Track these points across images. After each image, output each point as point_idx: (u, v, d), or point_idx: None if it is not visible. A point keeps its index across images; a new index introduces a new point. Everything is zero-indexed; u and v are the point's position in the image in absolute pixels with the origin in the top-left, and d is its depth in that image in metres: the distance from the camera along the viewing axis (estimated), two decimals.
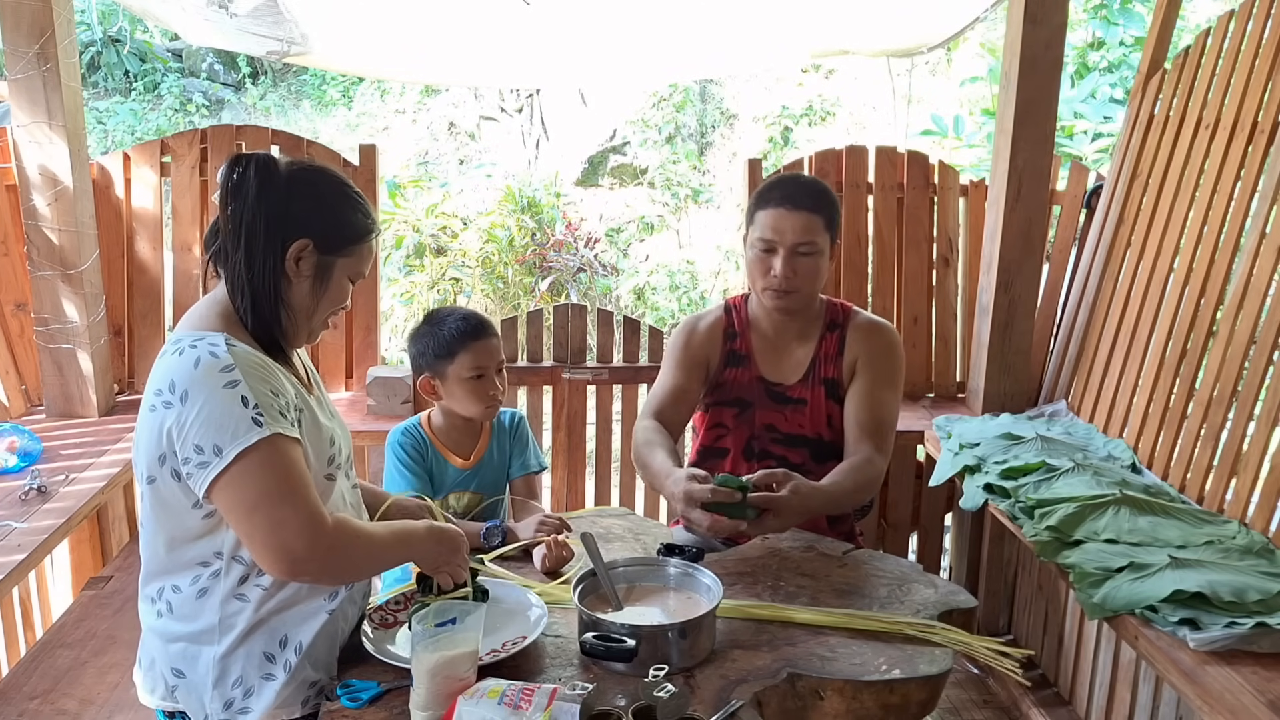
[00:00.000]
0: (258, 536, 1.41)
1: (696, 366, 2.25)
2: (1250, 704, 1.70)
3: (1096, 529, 2.25)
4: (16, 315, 3.24)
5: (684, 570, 1.79)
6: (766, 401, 2.23)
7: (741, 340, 2.26)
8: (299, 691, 1.55)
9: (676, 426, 2.20)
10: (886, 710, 1.59)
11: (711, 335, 2.27)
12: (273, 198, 1.48)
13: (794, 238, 2.09)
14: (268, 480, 1.40)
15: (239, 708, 1.53)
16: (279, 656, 1.54)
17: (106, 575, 2.97)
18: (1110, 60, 6.82)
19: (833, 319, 2.24)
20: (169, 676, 1.55)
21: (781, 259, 2.10)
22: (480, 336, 2.17)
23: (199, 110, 9.83)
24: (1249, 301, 2.44)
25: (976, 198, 3.52)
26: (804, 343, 2.24)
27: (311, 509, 1.42)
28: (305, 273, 1.52)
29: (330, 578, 1.53)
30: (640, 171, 8.85)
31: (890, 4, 3.30)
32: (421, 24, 3.22)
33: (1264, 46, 2.59)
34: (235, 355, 1.43)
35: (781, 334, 2.25)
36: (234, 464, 1.39)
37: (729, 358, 2.26)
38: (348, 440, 1.71)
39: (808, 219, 2.09)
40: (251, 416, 1.40)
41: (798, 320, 2.23)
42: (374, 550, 1.54)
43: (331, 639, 1.59)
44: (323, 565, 1.45)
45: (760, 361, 2.25)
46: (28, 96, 2.97)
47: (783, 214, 2.09)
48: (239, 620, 1.51)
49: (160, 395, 1.44)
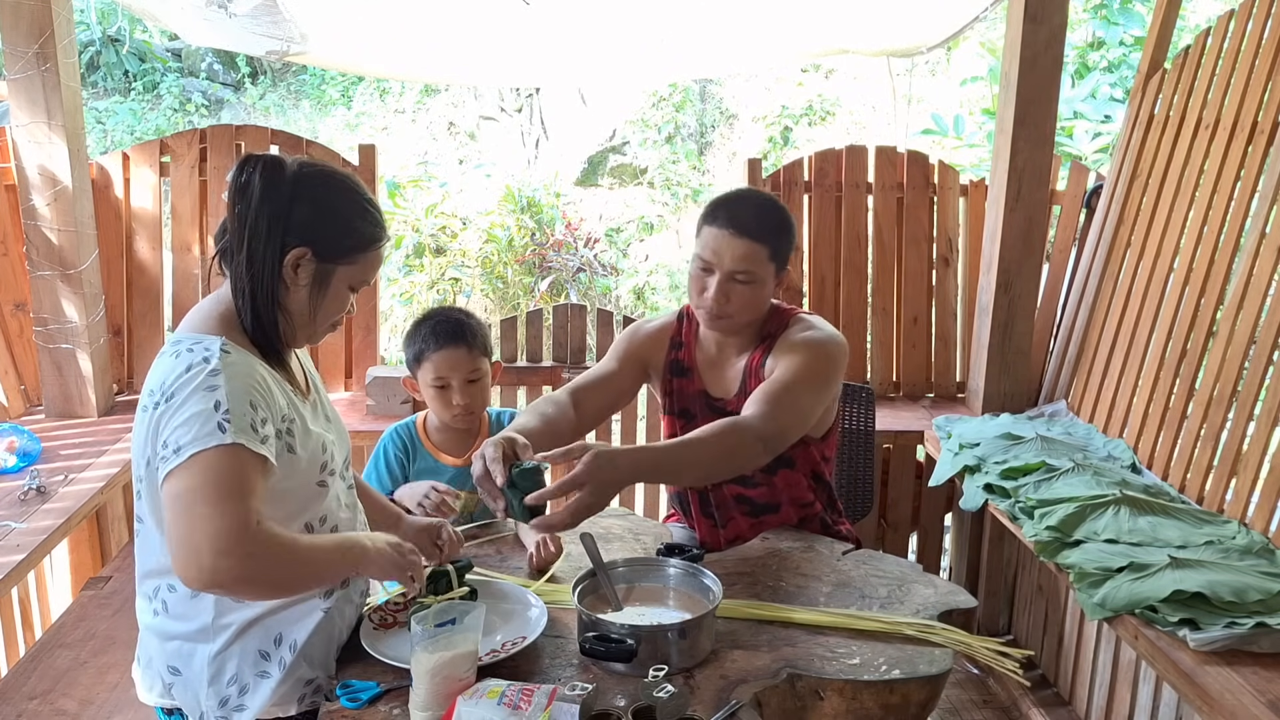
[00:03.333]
0: (172, 536, 1.37)
1: (631, 362, 2.18)
2: (1250, 704, 1.70)
3: (1096, 529, 2.25)
4: (16, 315, 3.24)
5: (684, 570, 1.79)
6: (709, 415, 2.13)
7: (686, 351, 2.19)
8: (295, 689, 1.55)
9: (589, 407, 2.08)
10: (886, 710, 1.59)
11: (656, 340, 2.21)
12: (276, 201, 1.47)
13: (730, 265, 1.97)
14: (203, 482, 1.36)
15: (234, 705, 1.53)
16: (274, 654, 1.54)
17: (106, 575, 2.97)
18: (1110, 60, 6.82)
19: (769, 330, 2.11)
20: (165, 674, 1.55)
21: (716, 283, 1.98)
22: (444, 346, 2.13)
23: (198, 110, 9.82)
24: (1249, 301, 2.44)
25: (976, 198, 3.52)
26: (741, 355, 2.14)
27: (233, 517, 1.34)
28: (303, 279, 1.52)
29: (251, 590, 1.45)
30: (640, 171, 8.85)
31: (890, 3, 3.30)
32: (421, 23, 3.22)
33: (1264, 46, 2.59)
34: (226, 364, 1.43)
35: (723, 348, 2.16)
36: (185, 462, 1.36)
37: (673, 366, 2.19)
38: (344, 443, 1.70)
39: (748, 247, 1.96)
40: (219, 421, 1.38)
41: (739, 335, 2.13)
42: (301, 563, 1.45)
43: (328, 637, 1.59)
44: (235, 576, 1.35)
45: (704, 374, 2.17)
46: (27, 96, 2.97)
47: (724, 237, 1.97)
48: (233, 618, 1.51)
49: (152, 396, 1.45)
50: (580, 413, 2.05)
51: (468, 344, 2.15)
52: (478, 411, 2.21)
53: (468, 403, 2.16)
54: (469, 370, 2.15)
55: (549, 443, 1.84)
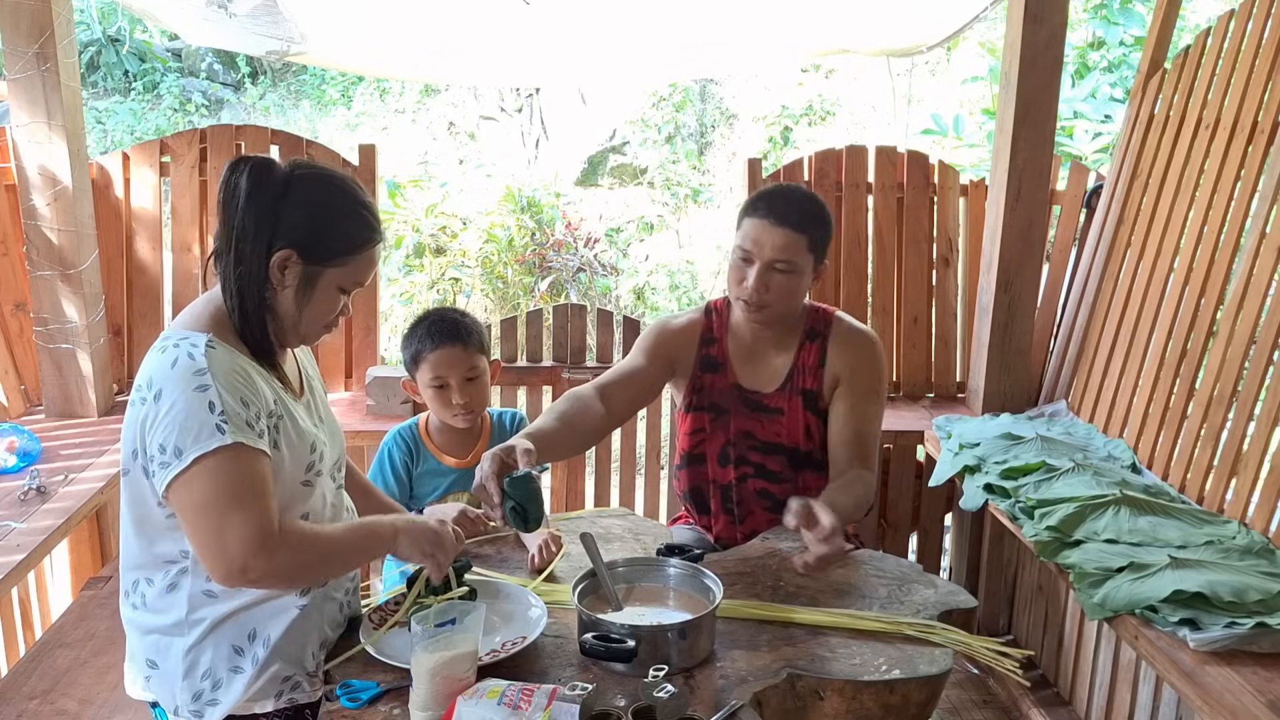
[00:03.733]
0: (201, 541, 1.43)
1: (659, 358, 2.20)
2: (1250, 704, 1.70)
3: (1096, 529, 2.25)
4: (16, 315, 3.24)
5: (684, 570, 1.79)
6: (742, 409, 2.19)
7: (719, 346, 2.21)
8: (270, 685, 1.56)
9: (617, 403, 2.11)
10: (886, 710, 1.59)
11: (684, 337, 2.22)
12: (263, 203, 1.49)
13: (771, 254, 2.03)
14: (218, 486, 1.41)
15: (207, 699, 1.54)
16: (247, 650, 1.55)
17: (106, 575, 2.97)
18: (1110, 60, 6.81)
19: (813, 327, 2.18)
20: (145, 667, 1.58)
21: (756, 272, 2.04)
22: (441, 346, 2.14)
23: (198, 110, 9.82)
24: (1249, 301, 2.44)
25: (976, 197, 3.52)
26: (782, 351, 2.18)
27: (258, 519, 1.41)
28: (290, 281, 1.53)
29: (283, 583, 1.52)
30: (640, 171, 8.84)
31: (890, 3, 3.30)
32: (421, 23, 3.22)
33: (1264, 46, 2.59)
34: (211, 359, 1.45)
35: (759, 341, 2.19)
36: (191, 467, 1.40)
37: (704, 362, 2.21)
38: (337, 444, 1.71)
39: (789, 237, 2.02)
40: (216, 423, 1.41)
41: (776, 328, 2.17)
42: (329, 552, 1.53)
43: (303, 634, 1.59)
44: (267, 573, 1.44)
45: (737, 368, 2.20)
46: (27, 96, 2.97)
47: (764, 227, 2.03)
48: (206, 613, 1.53)
49: (140, 391, 1.47)
50: (609, 408, 2.09)
51: (464, 342, 2.15)
52: (477, 410, 2.21)
53: (467, 401, 2.16)
54: (466, 368, 2.15)
55: (568, 441, 1.96)
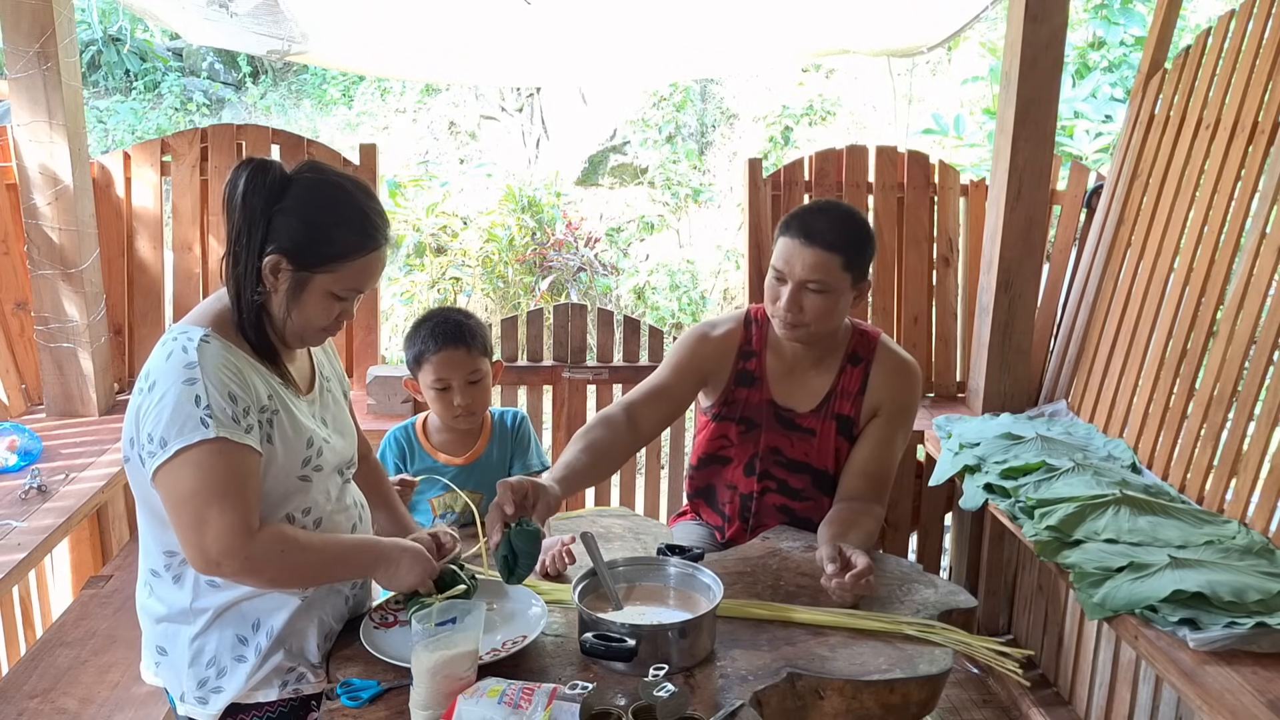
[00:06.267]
0: (181, 531, 1.46)
1: (690, 374, 2.17)
2: (1250, 704, 1.70)
3: (1096, 529, 2.25)
4: (17, 314, 3.24)
5: (684, 570, 1.79)
6: (775, 425, 2.16)
7: (756, 361, 2.18)
8: (274, 675, 1.59)
9: (646, 422, 2.12)
10: (886, 710, 1.59)
11: (723, 349, 2.19)
12: (258, 206, 1.50)
13: (802, 273, 1.99)
14: (199, 480, 1.43)
15: (212, 687, 1.58)
16: (250, 639, 1.58)
17: (106, 574, 2.97)
18: (1111, 60, 6.81)
19: (856, 350, 2.15)
20: (155, 654, 1.62)
21: (789, 292, 2.01)
22: (444, 348, 2.12)
23: (199, 109, 9.82)
24: (1249, 301, 2.44)
25: (976, 197, 3.52)
26: (822, 372, 2.15)
27: (236, 516, 1.44)
28: (281, 285, 1.54)
29: (260, 580, 1.54)
30: (640, 171, 8.84)
31: (890, 3, 3.30)
32: (422, 23, 3.22)
33: (1264, 46, 2.59)
34: (203, 353, 1.47)
35: (799, 358, 2.15)
36: (174, 458, 1.43)
37: (740, 376, 2.18)
38: (348, 443, 1.72)
39: (820, 257, 1.98)
40: (200, 416, 1.43)
41: (817, 347, 2.13)
42: (307, 559, 1.54)
43: (306, 626, 1.61)
44: (240, 569, 1.47)
45: (773, 385, 2.17)
46: (28, 95, 2.97)
47: (796, 246, 2.00)
48: (209, 603, 1.56)
49: (140, 382, 1.52)
50: (638, 429, 2.09)
51: (467, 345, 2.14)
52: (479, 412, 2.21)
53: (469, 403, 2.16)
54: (469, 371, 2.15)
55: (596, 474, 1.99)
